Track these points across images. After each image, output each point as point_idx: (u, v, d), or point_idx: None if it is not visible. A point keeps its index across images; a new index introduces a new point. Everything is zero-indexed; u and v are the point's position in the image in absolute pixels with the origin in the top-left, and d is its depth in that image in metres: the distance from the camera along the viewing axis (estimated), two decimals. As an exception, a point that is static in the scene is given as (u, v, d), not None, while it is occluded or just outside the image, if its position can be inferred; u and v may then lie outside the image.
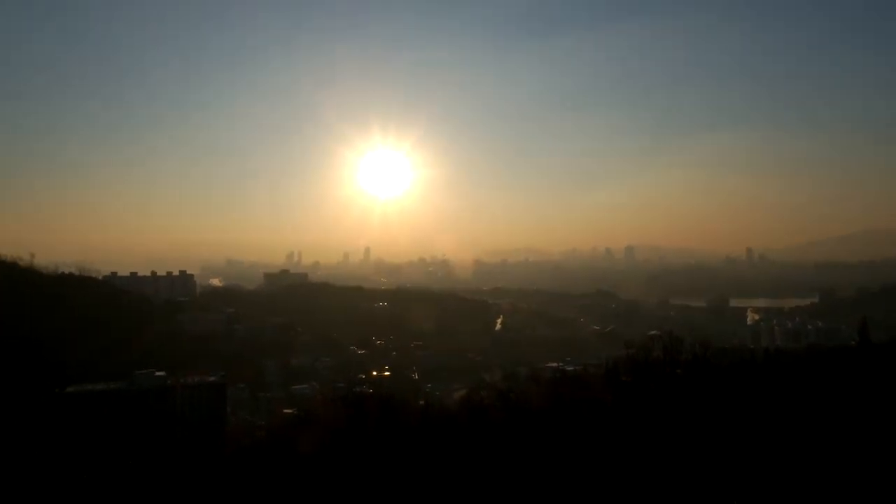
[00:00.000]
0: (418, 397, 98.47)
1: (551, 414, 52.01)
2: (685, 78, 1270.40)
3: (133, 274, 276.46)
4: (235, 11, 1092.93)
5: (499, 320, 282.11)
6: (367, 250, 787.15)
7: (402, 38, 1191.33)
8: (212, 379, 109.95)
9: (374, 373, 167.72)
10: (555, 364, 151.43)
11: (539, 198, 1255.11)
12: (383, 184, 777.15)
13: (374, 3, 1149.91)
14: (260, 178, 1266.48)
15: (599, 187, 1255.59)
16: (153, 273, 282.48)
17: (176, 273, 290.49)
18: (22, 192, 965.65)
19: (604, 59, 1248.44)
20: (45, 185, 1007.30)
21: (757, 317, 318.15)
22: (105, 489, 52.57)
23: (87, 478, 54.48)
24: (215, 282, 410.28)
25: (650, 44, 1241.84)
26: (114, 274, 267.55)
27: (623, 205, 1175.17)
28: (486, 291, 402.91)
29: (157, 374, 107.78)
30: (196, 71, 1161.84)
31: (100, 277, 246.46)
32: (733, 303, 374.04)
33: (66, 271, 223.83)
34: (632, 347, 66.64)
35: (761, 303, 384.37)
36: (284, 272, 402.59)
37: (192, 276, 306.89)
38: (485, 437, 48.65)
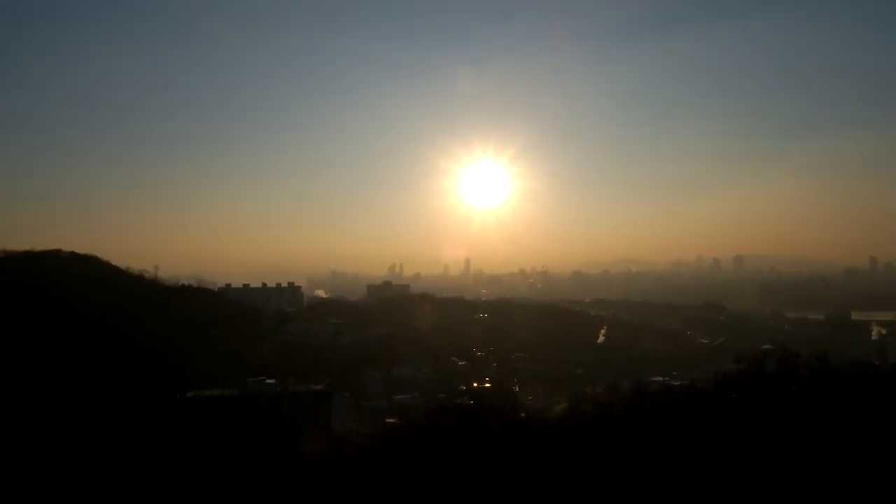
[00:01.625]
0: (519, 409, 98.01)
1: (656, 429, 50.48)
2: (800, 78, 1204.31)
3: (245, 285, 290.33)
4: (340, 24, 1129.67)
5: (601, 332, 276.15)
6: (468, 262, 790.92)
7: (500, 49, 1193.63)
8: (318, 387, 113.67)
9: (475, 384, 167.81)
10: (660, 378, 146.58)
11: (642, 207, 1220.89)
12: (483, 195, 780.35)
13: (472, 16, 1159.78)
14: (363, 191, 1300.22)
15: (706, 195, 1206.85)
16: (263, 285, 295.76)
17: (284, 285, 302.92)
18: (147, 209, 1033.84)
19: (710, 60, 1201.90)
20: (167, 201, 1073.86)
21: (884, 331, 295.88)
22: (221, 489, 55.33)
23: (206, 478, 57.54)
24: (321, 293, 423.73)
25: (761, 43, 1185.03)
26: (228, 285, 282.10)
27: (731, 212, 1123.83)
28: (587, 303, 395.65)
29: (268, 381, 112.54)
30: (303, 86, 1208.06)
31: (215, 289, 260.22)
32: (855, 316, 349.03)
33: (186, 283, 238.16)
34: (743, 362, 63.76)
35: (888, 316, 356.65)
36: (386, 284, 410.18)
37: (299, 287, 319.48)
38: (587, 451, 47.85)
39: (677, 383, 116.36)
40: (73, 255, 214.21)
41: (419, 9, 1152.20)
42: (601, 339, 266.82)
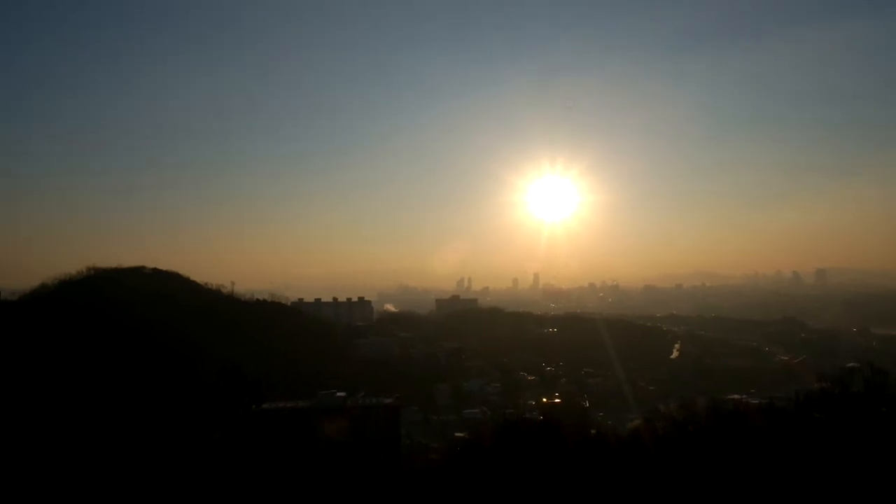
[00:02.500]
0: (589, 426, 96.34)
1: (734, 449, 48.80)
2: (890, 84, 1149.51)
3: (317, 300, 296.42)
4: (409, 43, 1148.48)
5: (675, 348, 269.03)
6: (536, 276, 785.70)
7: (568, 64, 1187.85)
8: (388, 400, 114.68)
9: (544, 399, 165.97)
10: (737, 396, 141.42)
11: (716, 219, 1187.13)
12: (552, 209, 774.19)
13: (539, 31, 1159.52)
14: (432, 206, 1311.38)
15: (786, 206, 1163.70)
16: (335, 299, 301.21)
17: (355, 299, 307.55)
18: (225, 227, 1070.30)
19: (792, 68, 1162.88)
20: (244, 221, 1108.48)
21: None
22: (294, 499, 56.49)
23: (279, 488, 58.89)
24: (390, 307, 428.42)
25: (846, 50, 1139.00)
26: (300, 300, 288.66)
27: (813, 224, 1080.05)
28: (659, 318, 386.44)
29: (339, 394, 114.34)
30: (372, 106, 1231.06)
31: (288, 303, 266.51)
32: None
33: (261, 298, 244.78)
34: (826, 380, 60.91)
35: None
36: (455, 298, 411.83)
37: (369, 302, 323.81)
38: (660, 470, 46.69)
39: (756, 402, 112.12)
40: (156, 272, 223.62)
41: (486, 26, 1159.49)
42: (674, 354, 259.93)
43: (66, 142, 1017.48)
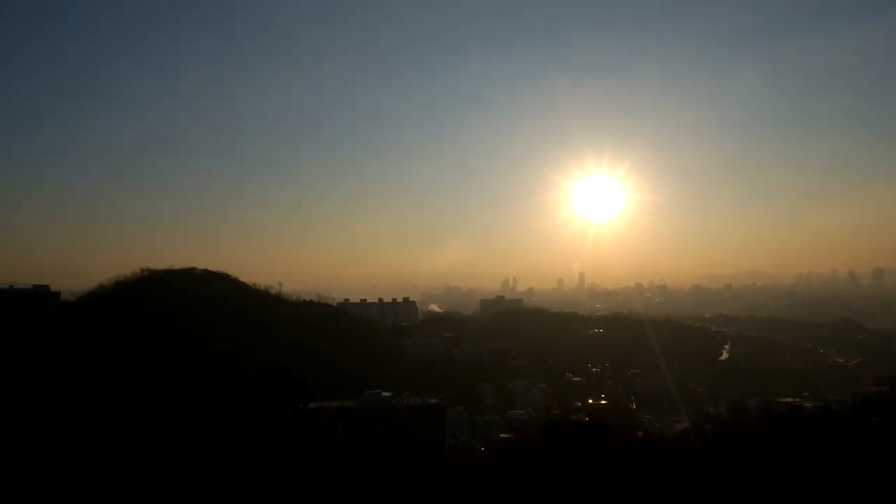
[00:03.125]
0: (636, 427, 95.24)
1: (786, 452, 47.69)
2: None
3: (363, 301, 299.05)
4: (452, 42, 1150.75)
5: (724, 349, 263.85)
6: (581, 276, 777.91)
7: (615, 60, 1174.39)
8: (432, 401, 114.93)
9: (590, 400, 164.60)
10: (790, 398, 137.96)
11: (767, 217, 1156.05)
12: (597, 209, 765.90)
13: (583, 30, 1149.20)
14: (476, 206, 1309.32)
15: (841, 203, 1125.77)
16: (380, 300, 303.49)
17: (400, 300, 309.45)
18: (272, 228, 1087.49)
19: (843, 62, 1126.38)
20: (291, 221, 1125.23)
21: None
22: (339, 499, 57.21)
23: (325, 486, 59.69)
24: (435, 308, 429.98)
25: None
26: (346, 300, 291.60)
27: (870, 221, 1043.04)
28: (708, 318, 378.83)
29: (384, 394, 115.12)
30: (417, 106, 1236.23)
31: (334, 304, 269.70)
32: None
33: (307, 298, 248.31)
34: (884, 383, 59.20)
35: None
36: (500, 298, 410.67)
37: (414, 302, 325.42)
38: (709, 473, 45.89)
39: (810, 404, 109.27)
40: (206, 273, 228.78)
41: (531, 24, 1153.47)
42: (724, 356, 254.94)
43: (119, 146, 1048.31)
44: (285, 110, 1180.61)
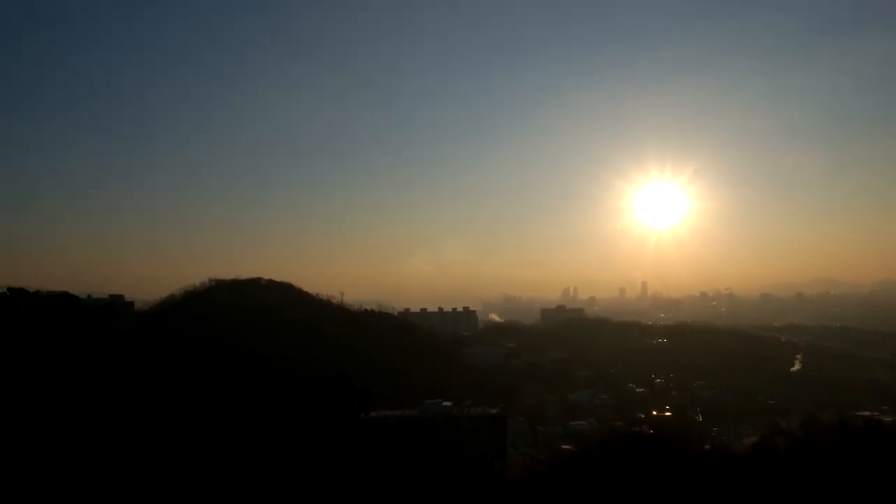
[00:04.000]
0: (703, 441, 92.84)
1: (863, 468, 45.74)
2: None
3: (423, 310, 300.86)
4: (509, 50, 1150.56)
5: (796, 360, 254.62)
6: (644, 285, 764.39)
7: (677, 63, 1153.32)
8: (493, 411, 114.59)
9: (655, 412, 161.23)
10: (867, 412, 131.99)
11: (841, 222, 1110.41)
12: (659, 216, 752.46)
13: (646, 32, 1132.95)
14: (536, 214, 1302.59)
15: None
16: (440, 309, 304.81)
17: (460, 309, 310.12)
18: (334, 238, 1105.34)
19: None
20: (352, 231, 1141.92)
21: None
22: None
23: (387, 494, 60.22)
24: (495, 317, 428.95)
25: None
26: (406, 310, 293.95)
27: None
28: (777, 328, 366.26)
29: (444, 403, 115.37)
30: (475, 112, 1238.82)
31: (395, 313, 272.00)
32: None
33: (368, 308, 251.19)
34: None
35: None
36: (561, 308, 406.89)
37: (474, 312, 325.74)
38: (781, 490, 44.38)
39: (889, 419, 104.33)
40: (271, 283, 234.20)
41: (590, 29, 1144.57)
42: (795, 367, 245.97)
43: (185, 164, 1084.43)
44: (345, 122, 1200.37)
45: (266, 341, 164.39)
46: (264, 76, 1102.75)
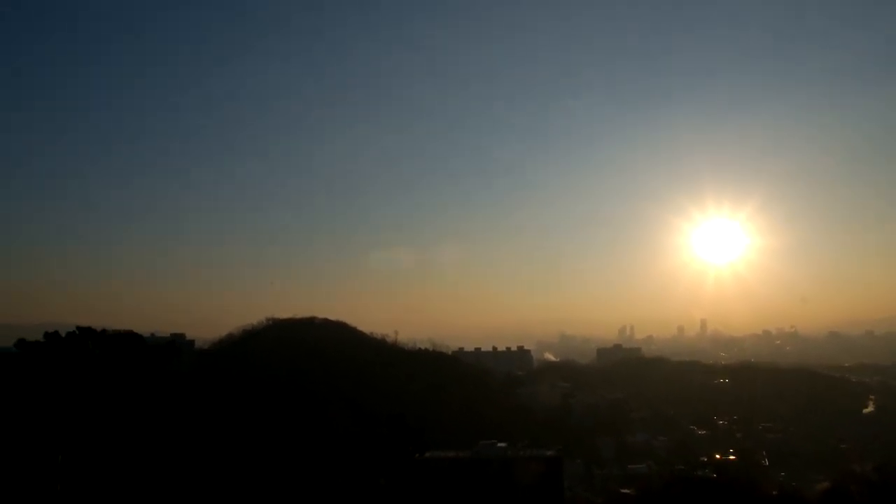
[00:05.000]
0: (770, 486, 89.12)
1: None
2: None
3: (477, 349, 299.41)
4: (563, 87, 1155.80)
5: (869, 401, 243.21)
6: (703, 323, 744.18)
7: (735, 99, 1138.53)
8: (549, 453, 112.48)
9: (718, 455, 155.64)
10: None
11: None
12: (718, 253, 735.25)
13: (701, 69, 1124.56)
14: (591, 252, 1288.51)
15: None
16: (494, 348, 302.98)
17: (514, 348, 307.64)
18: (387, 277, 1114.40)
19: None
20: (405, 270, 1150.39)
21: None
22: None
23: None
24: (549, 357, 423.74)
25: None
26: (460, 349, 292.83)
27: None
28: (847, 368, 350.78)
29: (499, 444, 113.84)
30: (529, 150, 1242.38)
31: (449, 352, 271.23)
32: None
33: (422, 347, 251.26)
34: None
35: None
36: (617, 347, 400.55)
37: (528, 351, 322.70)
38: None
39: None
40: (326, 322, 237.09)
41: (645, 67, 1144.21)
42: (868, 408, 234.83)
43: (242, 203, 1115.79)
44: (397, 160, 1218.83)
45: (320, 380, 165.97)
46: (315, 117, 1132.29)
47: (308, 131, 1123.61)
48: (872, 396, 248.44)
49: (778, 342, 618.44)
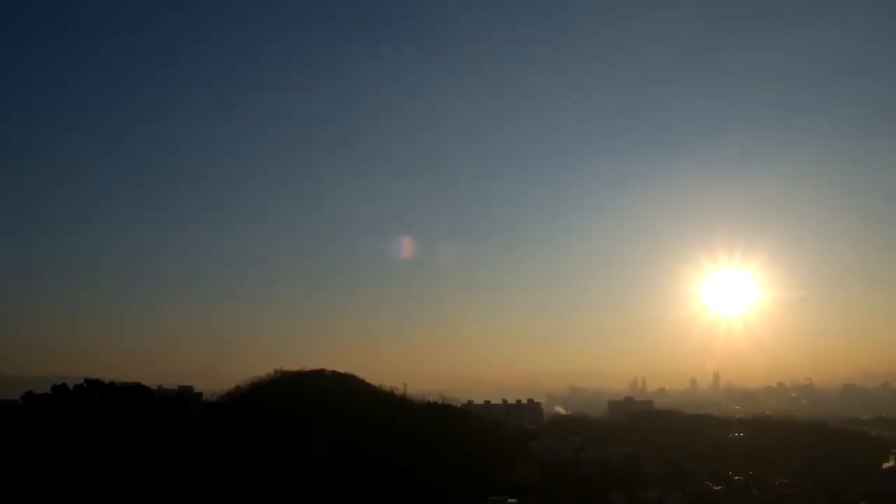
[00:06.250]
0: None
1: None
2: None
3: (487, 402, 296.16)
4: (575, 141, 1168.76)
5: (891, 455, 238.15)
6: (716, 375, 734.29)
7: (744, 152, 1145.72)
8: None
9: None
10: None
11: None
12: (729, 303, 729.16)
13: (710, 122, 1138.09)
14: (602, 304, 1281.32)
15: None
16: (504, 401, 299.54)
17: (524, 401, 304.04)
18: (396, 329, 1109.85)
19: None
20: (414, 322, 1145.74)
21: None
22: None
23: None
24: (560, 410, 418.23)
25: None
26: (470, 402, 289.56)
27: None
28: (865, 421, 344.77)
29: (510, 500, 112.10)
30: (539, 200, 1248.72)
31: (458, 405, 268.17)
32: None
33: (431, 399, 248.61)
34: None
35: None
36: (629, 399, 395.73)
37: (539, 404, 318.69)
38: None
39: None
40: (335, 374, 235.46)
41: (655, 119, 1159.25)
42: (889, 463, 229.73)
43: (253, 258, 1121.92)
44: (406, 212, 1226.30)
45: (328, 433, 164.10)
46: (321, 170, 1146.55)
47: (314, 182, 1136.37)
48: (893, 451, 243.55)
49: (793, 395, 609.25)
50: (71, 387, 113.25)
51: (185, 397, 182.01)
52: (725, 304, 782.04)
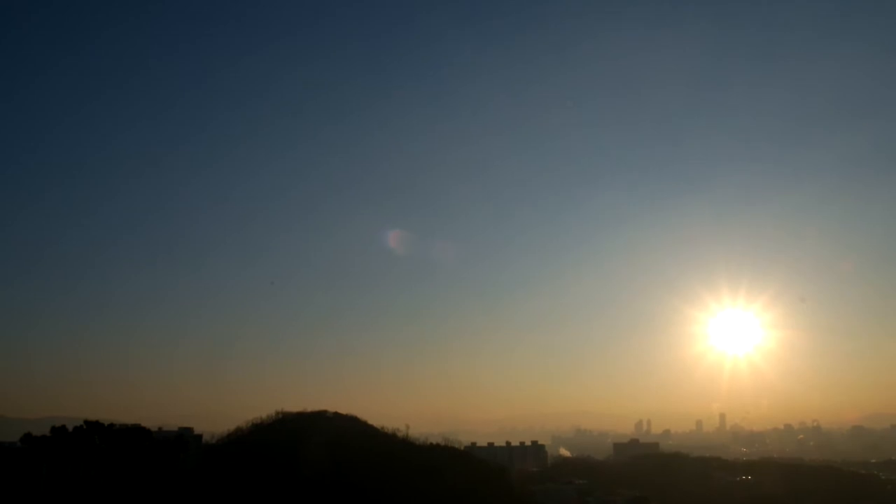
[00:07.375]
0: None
1: None
2: None
3: (490, 444, 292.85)
4: (579, 177, 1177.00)
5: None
6: (722, 416, 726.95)
7: (750, 192, 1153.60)
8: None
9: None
10: None
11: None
12: (735, 344, 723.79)
13: (714, 164, 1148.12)
14: (607, 345, 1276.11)
15: None
16: (508, 443, 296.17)
17: (528, 443, 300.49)
18: (399, 370, 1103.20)
19: None
20: (417, 364, 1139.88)
21: None
22: None
23: None
24: (565, 452, 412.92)
25: None
26: (473, 444, 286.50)
27: None
28: (875, 464, 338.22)
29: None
30: (545, 242, 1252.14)
31: (461, 448, 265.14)
32: None
33: (434, 441, 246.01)
34: None
35: None
36: (634, 441, 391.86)
37: (543, 446, 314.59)
38: None
39: None
40: (337, 415, 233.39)
41: (659, 160, 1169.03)
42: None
43: (258, 300, 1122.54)
44: (412, 248, 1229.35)
45: (330, 475, 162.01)
46: (323, 208, 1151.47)
47: (317, 220, 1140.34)
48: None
49: (801, 437, 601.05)
50: (70, 429, 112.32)
51: (185, 439, 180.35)
52: (731, 344, 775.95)
